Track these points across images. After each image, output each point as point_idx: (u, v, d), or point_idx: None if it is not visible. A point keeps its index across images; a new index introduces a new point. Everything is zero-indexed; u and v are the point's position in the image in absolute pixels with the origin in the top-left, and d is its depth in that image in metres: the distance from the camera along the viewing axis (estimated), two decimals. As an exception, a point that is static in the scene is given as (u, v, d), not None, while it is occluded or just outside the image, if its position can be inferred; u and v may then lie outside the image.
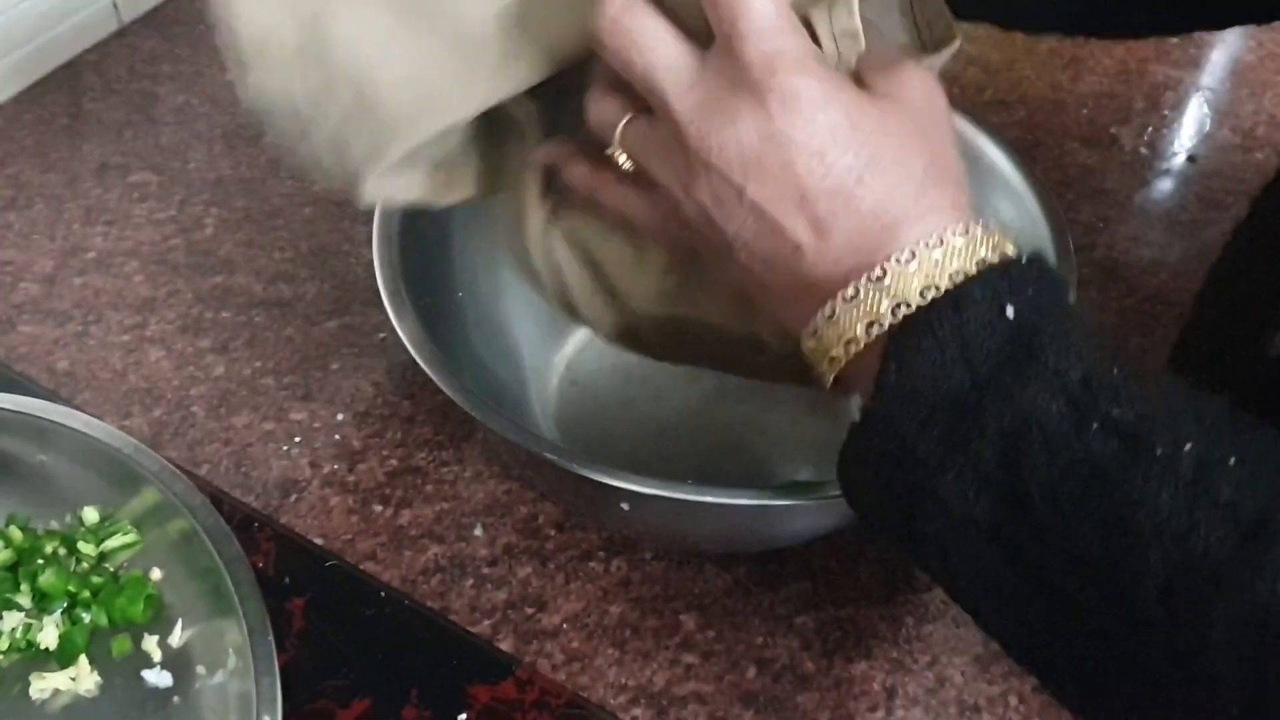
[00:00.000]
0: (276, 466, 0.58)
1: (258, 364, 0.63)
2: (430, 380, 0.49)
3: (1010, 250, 0.35)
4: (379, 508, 0.57)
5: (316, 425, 0.60)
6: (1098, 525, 0.31)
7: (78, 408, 0.59)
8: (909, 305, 0.34)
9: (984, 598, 0.35)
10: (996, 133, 0.59)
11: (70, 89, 0.76)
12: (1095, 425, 0.31)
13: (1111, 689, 0.32)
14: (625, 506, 0.49)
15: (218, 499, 0.55)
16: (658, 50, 0.37)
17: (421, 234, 0.57)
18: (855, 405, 0.37)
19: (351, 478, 0.58)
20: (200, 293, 0.66)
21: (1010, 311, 0.33)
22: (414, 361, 0.49)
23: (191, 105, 0.76)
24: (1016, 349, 0.33)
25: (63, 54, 0.78)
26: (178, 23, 0.81)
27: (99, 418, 0.58)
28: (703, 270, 0.43)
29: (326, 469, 0.58)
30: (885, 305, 0.34)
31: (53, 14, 0.76)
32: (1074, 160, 0.75)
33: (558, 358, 0.64)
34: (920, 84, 0.38)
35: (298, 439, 0.60)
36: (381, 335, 0.64)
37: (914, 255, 0.34)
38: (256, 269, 0.67)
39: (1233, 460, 0.31)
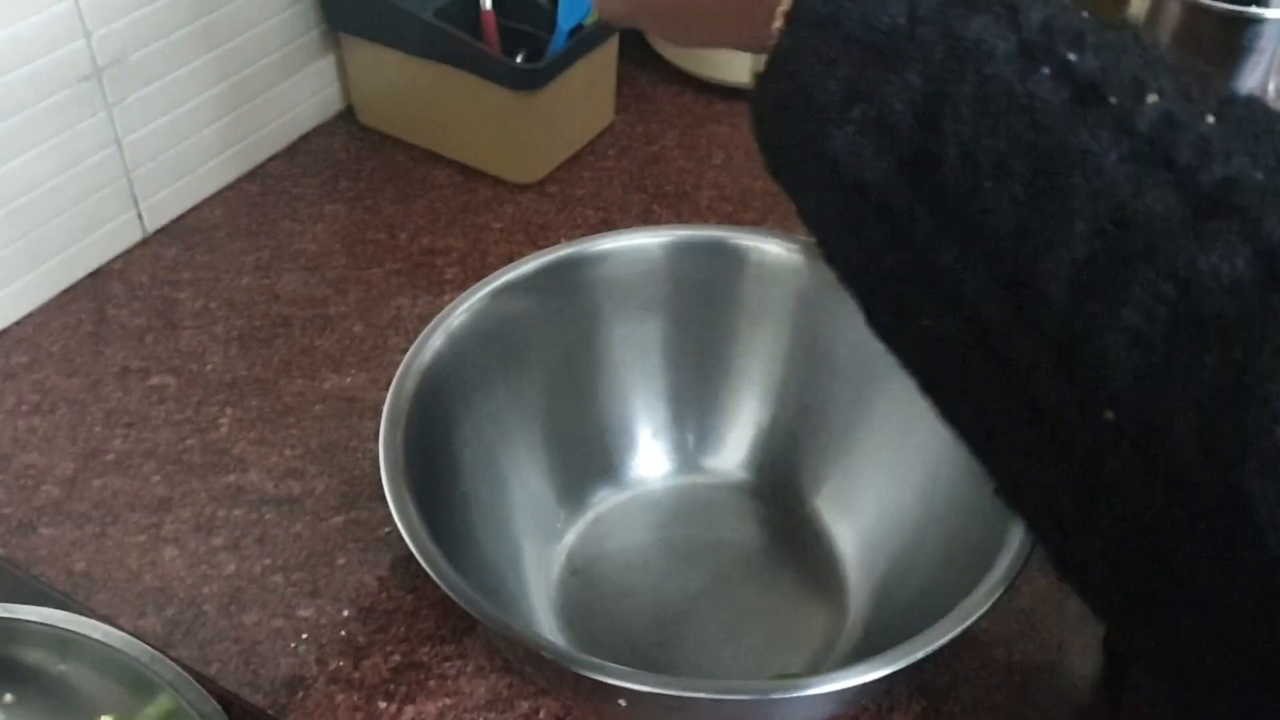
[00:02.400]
0: (284, 664, 0.60)
1: (267, 561, 0.65)
2: (433, 577, 0.51)
3: None
4: (383, 704, 0.58)
5: (323, 621, 0.62)
6: (1020, 189, 0.26)
7: (93, 609, 0.62)
8: None
9: (859, 281, 0.31)
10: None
11: (95, 296, 0.81)
12: (1046, 71, 0.26)
13: (988, 390, 0.28)
14: (623, 703, 0.50)
15: (228, 701, 0.56)
16: None
17: (425, 431, 0.59)
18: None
19: (357, 674, 0.60)
20: (214, 491, 0.68)
21: None
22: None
23: (210, 309, 0.80)
24: None
25: (89, 263, 0.82)
26: (198, 231, 0.86)
27: (114, 618, 0.60)
28: None
29: (332, 665, 0.60)
30: None
31: (82, 227, 0.80)
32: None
33: (558, 548, 0.66)
34: None
35: (305, 635, 0.61)
36: (386, 530, 0.66)
37: None
38: (268, 466, 0.70)
39: (1208, 119, 0.26)
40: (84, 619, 0.49)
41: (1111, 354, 0.24)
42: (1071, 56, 0.27)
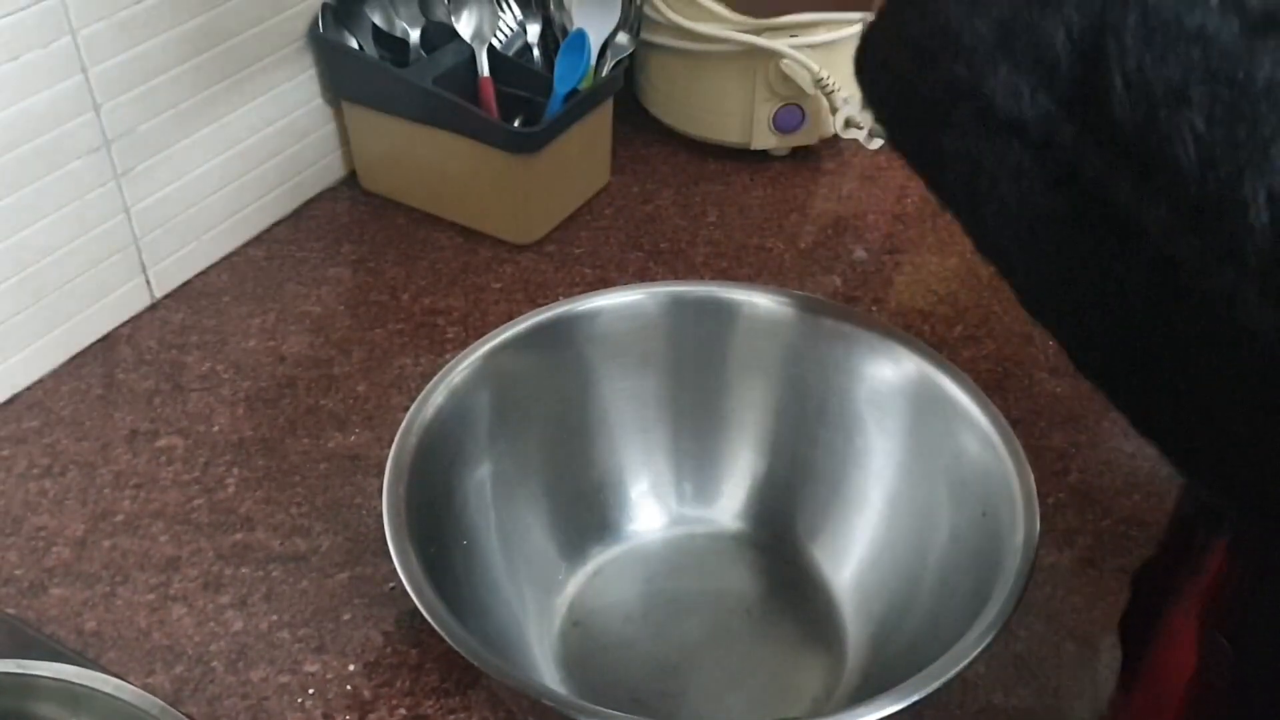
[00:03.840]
0: None
1: (274, 617, 0.66)
2: (437, 630, 0.52)
3: None
4: (389, 756, 0.59)
5: (329, 676, 0.63)
6: (1202, 121, 0.24)
7: (104, 666, 0.63)
8: None
9: (1014, 238, 0.28)
10: (960, 373, 0.63)
11: (105, 361, 0.82)
12: (1213, 2, 0.25)
13: (1157, 350, 0.26)
14: (624, 750, 0.51)
15: (234, 754, 0.57)
16: None
17: (428, 487, 0.61)
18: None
19: (363, 727, 0.61)
20: (221, 550, 0.70)
21: None
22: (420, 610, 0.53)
23: (217, 371, 0.81)
24: None
25: (99, 329, 0.84)
26: (205, 296, 0.88)
27: (124, 676, 0.61)
28: None
29: None
30: None
31: (91, 293, 0.82)
32: (1043, 389, 0.79)
33: (559, 600, 0.67)
34: None
35: (311, 691, 0.62)
36: (391, 585, 0.67)
37: None
38: (274, 525, 0.71)
39: None
40: (96, 674, 0.50)
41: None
42: None
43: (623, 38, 0.94)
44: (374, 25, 0.93)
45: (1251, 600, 0.45)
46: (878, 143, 0.95)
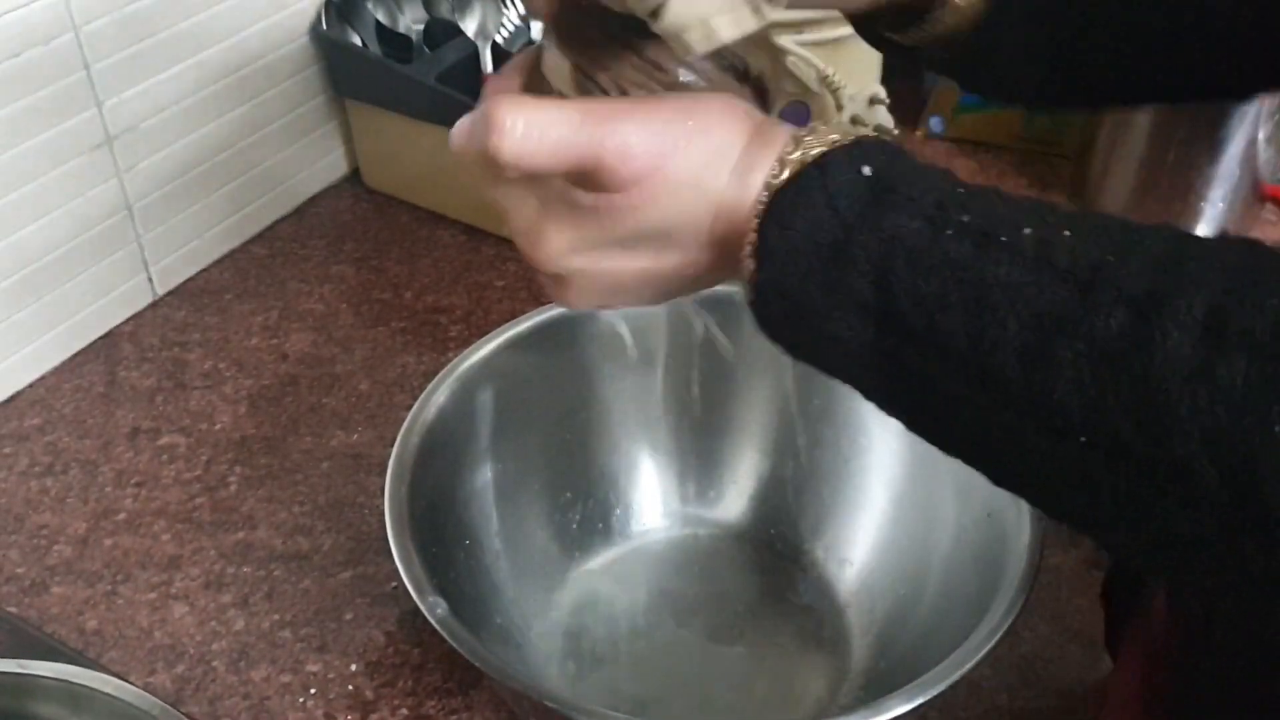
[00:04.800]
0: (293, 719, 0.61)
1: (276, 617, 0.66)
2: (438, 630, 0.52)
3: (857, 137, 0.39)
4: (391, 757, 0.59)
5: (331, 676, 0.63)
6: (960, 315, 0.35)
7: (105, 666, 0.62)
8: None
9: (895, 407, 0.39)
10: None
11: (107, 358, 0.82)
12: (950, 232, 0.36)
13: (1008, 450, 0.36)
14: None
15: (236, 754, 0.57)
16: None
17: (430, 486, 0.60)
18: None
19: (364, 727, 0.60)
20: (223, 549, 0.69)
21: (867, 170, 0.37)
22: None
23: (219, 370, 0.81)
24: (876, 193, 0.37)
25: (101, 326, 0.84)
26: (207, 293, 0.88)
27: (125, 675, 0.61)
28: None
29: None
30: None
31: (94, 290, 0.82)
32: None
33: (562, 599, 0.66)
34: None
35: (313, 690, 0.62)
36: (393, 584, 0.67)
37: (782, 166, 0.38)
38: (276, 523, 0.71)
39: (1066, 233, 0.35)
40: (96, 674, 0.50)
41: (1062, 398, 0.34)
42: (964, 218, 0.36)
43: (627, 35, 0.94)
44: (377, 22, 0.93)
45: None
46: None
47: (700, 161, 0.39)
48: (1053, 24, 0.50)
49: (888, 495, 0.65)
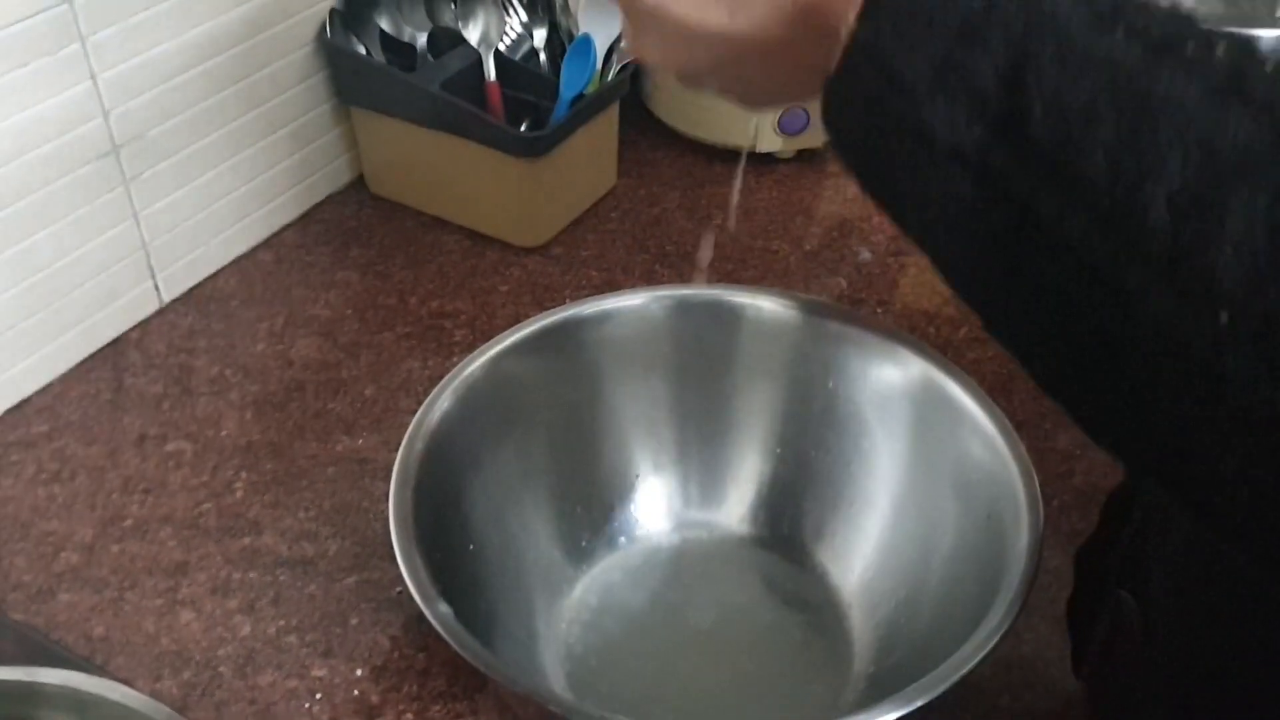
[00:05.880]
0: (299, 723, 0.61)
1: (282, 622, 0.66)
2: (443, 635, 0.52)
3: None
4: (396, 760, 0.59)
5: (337, 681, 0.63)
6: (1110, 135, 0.28)
7: (112, 672, 0.63)
8: None
9: (965, 259, 0.32)
10: (965, 375, 0.63)
11: (114, 365, 0.83)
12: (1120, 31, 0.29)
13: (1102, 361, 0.30)
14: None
15: (242, 758, 0.57)
16: None
17: (435, 490, 0.61)
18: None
19: (370, 731, 0.61)
20: (229, 555, 0.70)
21: None
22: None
23: (225, 376, 0.82)
24: None
25: (108, 333, 0.84)
26: (214, 299, 0.88)
27: (132, 682, 0.62)
28: None
29: (346, 723, 0.61)
30: None
31: (100, 297, 0.83)
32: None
33: (566, 604, 0.67)
34: None
35: (319, 695, 0.62)
36: (398, 589, 0.67)
37: None
38: (282, 529, 0.71)
39: (1270, 66, 0.28)
40: (103, 681, 0.50)
41: (1219, 266, 0.26)
42: (1142, 23, 0.29)
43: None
44: (381, 30, 0.93)
45: (1155, 555, 0.46)
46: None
47: None
48: None
49: (889, 498, 0.66)
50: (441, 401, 0.63)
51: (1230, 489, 0.29)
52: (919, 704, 0.49)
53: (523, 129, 0.92)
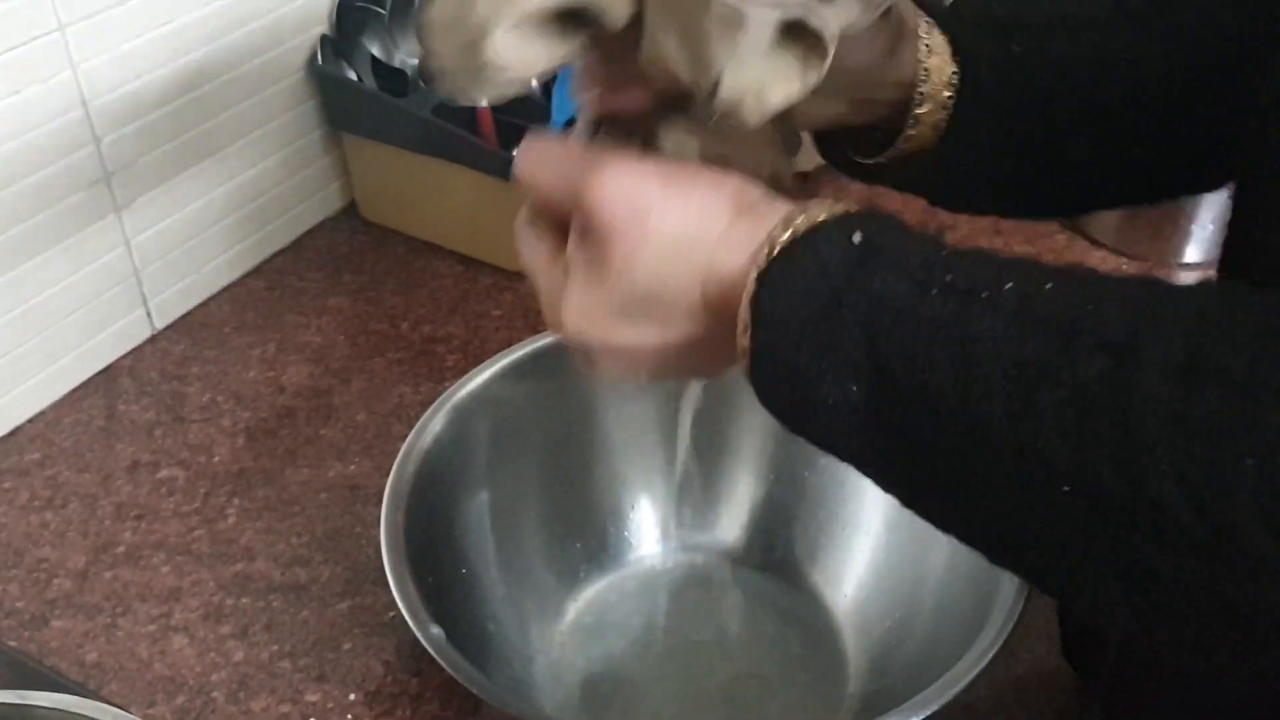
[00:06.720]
0: (292, 749, 0.61)
1: (275, 647, 0.66)
2: (436, 659, 0.52)
3: (847, 209, 0.41)
4: (390, 785, 0.59)
5: (330, 705, 0.63)
6: (947, 370, 0.36)
7: (105, 698, 0.63)
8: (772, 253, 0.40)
9: (888, 476, 0.40)
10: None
11: (106, 392, 0.83)
12: (935, 291, 0.37)
13: (996, 509, 0.37)
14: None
15: (235, 784, 0.57)
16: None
17: (427, 514, 0.61)
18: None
19: (363, 757, 0.60)
20: (222, 580, 0.70)
21: (857, 237, 0.39)
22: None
23: (217, 402, 0.82)
24: (864, 257, 0.38)
25: (100, 361, 0.84)
26: (205, 326, 0.88)
27: (126, 708, 0.61)
28: None
29: (340, 749, 0.61)
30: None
31: (92, 325, 0.83)
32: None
33: (559, 627, 0.67)
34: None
35: (312, 720, 0.62)
36: (391, 614, 0.67)
37: (772, 242, 0.40)
38: (275, 555, 0.71)
39: (1048, 286, 0.36)
40: (96, 703, 0.50)
41: (1046, 445, 0.34)
42: (949, 278, 0.37)
43: (619, 66, 0.95)
44: (372, 56, 0.94)
45: None
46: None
47: (677, 223, 0.41)
48: (1012, 134, 0.52)
49: (882, 518, 0.66)
50: (433, 424, 0.63)
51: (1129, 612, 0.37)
52: (914, 722, 0.49)
53: (514, 154, 0.92)
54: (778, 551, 0.69)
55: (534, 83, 0.97)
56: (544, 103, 0.92)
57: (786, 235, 0.39)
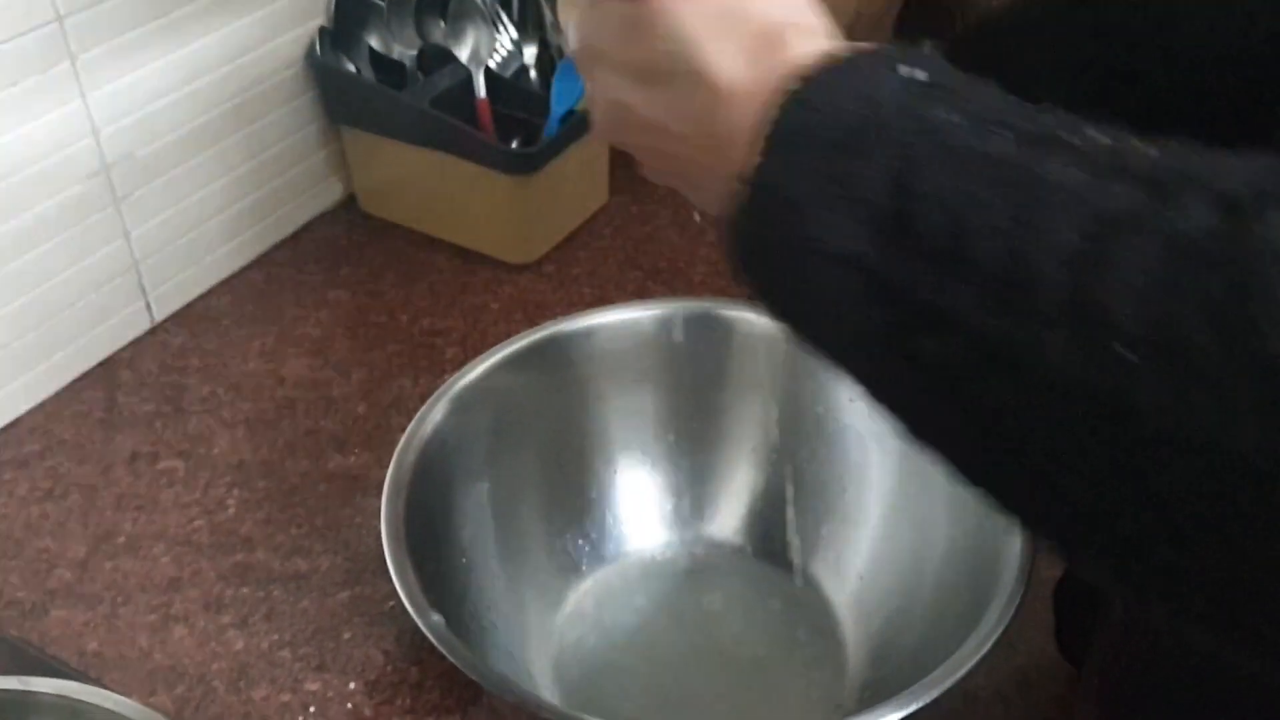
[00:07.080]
0: (292, 738, 0.61)
1: (275, 637, 0.66)
2: (436, 646, 0.53)
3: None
4: (390, 774, 0.59)
5: (330, 695, 0.63)
6: (999, 218, 0.29)
7: (106, 687, 0.63)
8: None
9: (881, 379, 0.33)
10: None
11: (106, 384, 0.83)
12: (1002, 132, 0.30)
13: (1010, 447, 0.30)
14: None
15: (236, 773, 0.57)
16: None
17: (426, 504, 0.61)
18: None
19: (364, 745, 0.61)
20: (222, 570, 0.70)
21: (921, 74, 0.32)
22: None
23: (217, 394, 0.82)
24: (925, 88, 0.32)
25: (100, 353, 0.84)
26: (205, 318, 0.88)
27: (126, 697, 0.61)
28: None
29: (340, 738, 0.61)
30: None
31: (92, 317, 0.83)
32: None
33: (558, 617, 0.67)
34: None
35: (312, 709, 0.62)
36: (391, 603, 0.67)
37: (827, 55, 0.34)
38: (274, 545, 0.71)
39: (1152, 152, 0.30)
40: (97, 690, 0.51)
41: (1114, 307, 0.27)
42: (1019, 123, 0.31)
43: (618, 59, 0.95)
44: (371, 49, 0.94)
45: None
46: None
47: None
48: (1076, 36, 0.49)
49: (881, 508, 0.66)
50: (433, 415, 0.63)
51: (1154, 545, 0.29)
52: (912, 709, 0.50)
53: (513, 146, 0.92)
54: (776, 542, 0.69)
55: (531, 74, 0.97)
56: (543, 94, 0.92)
57: (846, 50, 0.33)
